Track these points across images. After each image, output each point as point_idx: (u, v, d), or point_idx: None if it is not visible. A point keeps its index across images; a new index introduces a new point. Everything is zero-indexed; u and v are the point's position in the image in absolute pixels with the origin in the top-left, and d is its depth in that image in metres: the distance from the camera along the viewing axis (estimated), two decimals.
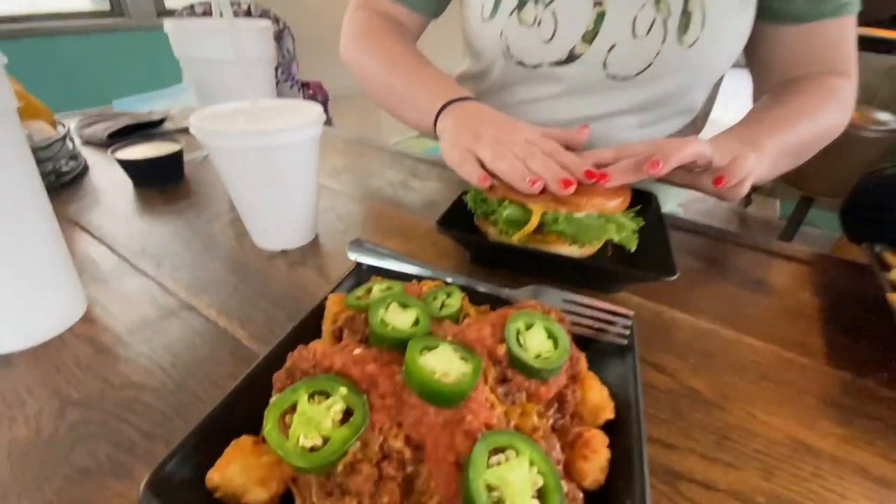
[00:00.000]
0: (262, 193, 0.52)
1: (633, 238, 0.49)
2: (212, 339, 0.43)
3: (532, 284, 0.42)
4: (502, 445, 0.24)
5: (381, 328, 0.30)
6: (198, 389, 0.38)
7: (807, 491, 0.32)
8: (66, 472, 0.31)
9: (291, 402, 0.26)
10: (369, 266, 0.44)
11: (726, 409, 0.38)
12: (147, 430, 0.34)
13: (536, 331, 0.31)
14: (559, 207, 0.48)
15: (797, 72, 0.67)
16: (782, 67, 0.69)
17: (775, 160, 0.57)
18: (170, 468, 0.25)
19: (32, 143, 0.72)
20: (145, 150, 0.76)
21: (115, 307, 0.47)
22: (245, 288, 0.51)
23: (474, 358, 0.28)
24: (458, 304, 0.35)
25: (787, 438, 0.35)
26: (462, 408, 0.26)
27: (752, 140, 0.56)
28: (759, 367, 0.42)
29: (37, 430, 0.34)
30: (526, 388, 0.29)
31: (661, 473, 0.32)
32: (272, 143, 0.47)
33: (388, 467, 0.24)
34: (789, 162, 0.62)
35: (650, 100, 0.74)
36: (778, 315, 0.49)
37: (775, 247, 0.63)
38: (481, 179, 0.51)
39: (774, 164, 0.58)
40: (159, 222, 0.64)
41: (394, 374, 0.27)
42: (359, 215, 0.68)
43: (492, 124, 0.58)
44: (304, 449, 0.24)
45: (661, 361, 0.42)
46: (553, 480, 0.23)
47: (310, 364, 0.28)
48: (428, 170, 0.85)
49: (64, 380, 0.38)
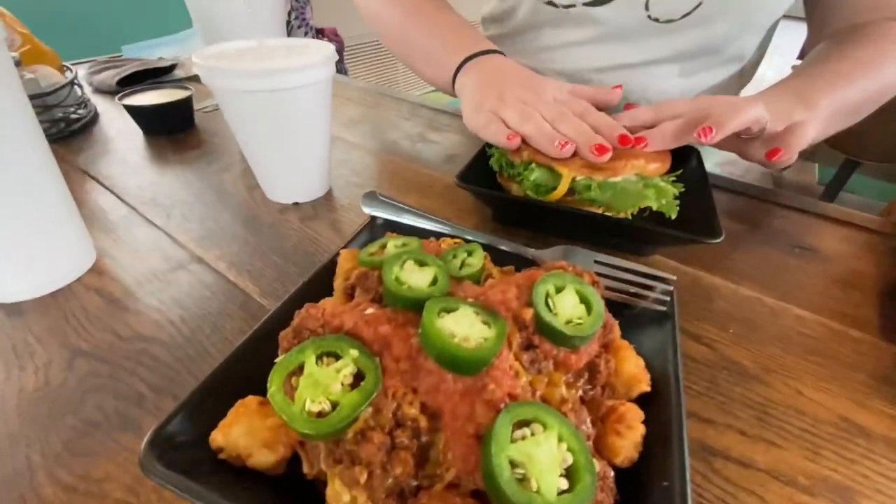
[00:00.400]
0: (271, 140, 0.48)
1: (673, 205, 0.44)
2: (222, 293, 0.42)
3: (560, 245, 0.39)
4: (527, 418, 0.22)
5: (395, 287, 0.27)
6: (207, 344, 0.37)
7: (855, 474, 0.29)
8: (75, 424, 0.30)
9: (298, 363, 0.24)
10: (384, 221, 0.42)
11: (769, 383, 0.34)
12: (156, 384, 0.33)
13: (568, 294, 0.28)
14: (593, 173, 0.44)
15: (859, 17, 0.58)
16: (843, 12, 0.60)
17: (829, 120, 0.50)
18: (172, 427, 0.24)
19: (39, 88, 0.69)
20: (154, 98, 0.73)
21: (124, 258, 0.46)
22: (256, 241, 0.49)
23: (498, 322, 0.25)
24: (479, 264, 0.32)
25: (835, 417, 0.32)
26: (483, 375, 0.23)
27: (806, 97, 0.49)
28: (807, 339, 0.39)
29: (46, 380, 0.33)
30: (554, 356, 0.26)
31: (696, 450, 0.30)
32: (281, 84, 0.43)
33: (402, 436, 0.22)
34: (844, 121, 0.55)
35: (696, 47, 0.67)
36: (828, 284, 0.45)
37: (827, 210, 0.57)
38: (509, 138, 0.46)
39: (828, 124, 0.51)
40: (169, 172, 0.62)
41: (409, 337, 0.25)
42: (374, 169, 0.64)
43: (517, 82, 0.52)
44: (311, 414, 0.22)
45: (699, 331, 0.39)
46: (584, 459, 0.21)
47: (318, 323, 0.26)
48: (448, 122, 0.80)
49: (73, 331, 0.38)
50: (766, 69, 0.82)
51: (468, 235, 0.39)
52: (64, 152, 0.66)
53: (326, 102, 0.50)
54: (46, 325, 0.38)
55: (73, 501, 0.26)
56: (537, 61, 0.74)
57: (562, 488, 0.20)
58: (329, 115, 0.51)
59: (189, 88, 0.75)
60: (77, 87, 0.76)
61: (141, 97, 0.74)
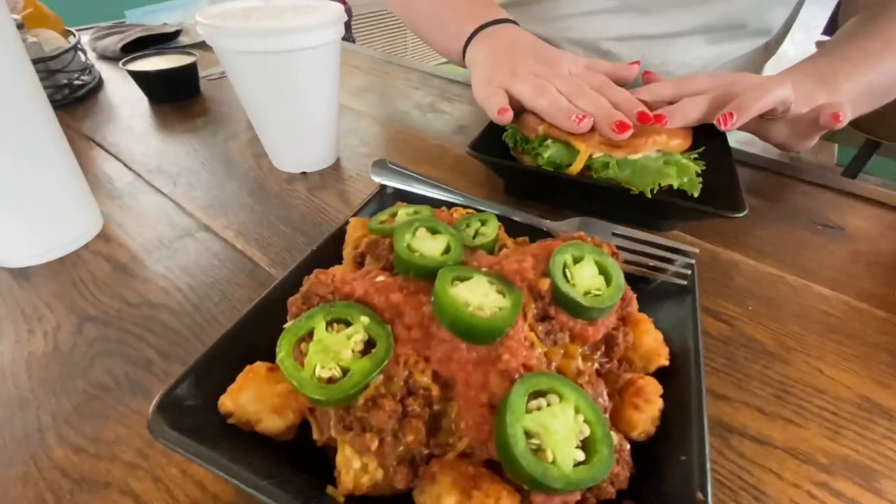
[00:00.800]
0: (278, 104, 0.47)
1: (696, 182, 0.42)
2: (230, 261, 0.41)
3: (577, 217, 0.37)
4: (543, 389, 0.21)
5: (407, 254, 0.26)
6: (216, 311, 0.36)
7: (876, 454, 0.28)
8: (84, 387, 0.30)
9: (307, 329, 0.23)
10: (394, 190, 0.40)
11: (789, 361, 0.34)
12: (164, 350, 0.33)
13: (586, 265, 0.26)
14: (612, 150, 0.42)
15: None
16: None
17: (853, 103, 0.47)
18: (181, 391, 0.23)
19: (42, 52, 0.68)
20: (159, 63, 0.71)
21: (130, 225, 0.45)
22: (263, 211, 0.48)
23: (513, 292, 0.25)
24: (493, 233, 0.31)
25: (857, 397, 0.31)
26: (498, 345, 0.22)
27: (830, 78, 0.47)
28: (829, 318, 0.37)
29: (55, 344, 0.33)
30: (570, 327, 0.25)
31: (712, 426, 0.29)
32: (287, 45, 0.42)
33: (413, 404, 0.22)
34: (869, 104, 0.51)
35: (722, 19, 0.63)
36: (852, 262, 0.44)
37: (852, 186, 0.55)
38: (500, 111, 0.44)
39: (852, 107, 0.48)
40: (175, 140, 0.61)
41: (421, 305, 0.24)
42: (383, 139, 0.63)
43: (530, 55, 0.49)
44: (321, 380, 0.21)
45: (717, 307, 0.38)
46: (601, 431, 0.20)
47: (328, 290, 0.25)
48: (460, 92, 0.77)
49: (81, 296, 0.37)
50: (787, 45, 0.78)
51: (481, 206, 0.38)
52: (69, 119, 0.65)
53: (334, 66, 0.48)
54: (54, 291, 0.38)
55: (84, 463, 0.26)
56: (553, 30, 0.71)
57: (578, 460, 0.19)
58: (337, 80, 0.49)
59: (194, 55, 0.73)
60: (81, 53, 0.75)
61: (145, 63, 0.72)
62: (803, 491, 0.26)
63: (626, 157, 0.42)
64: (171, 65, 0.70)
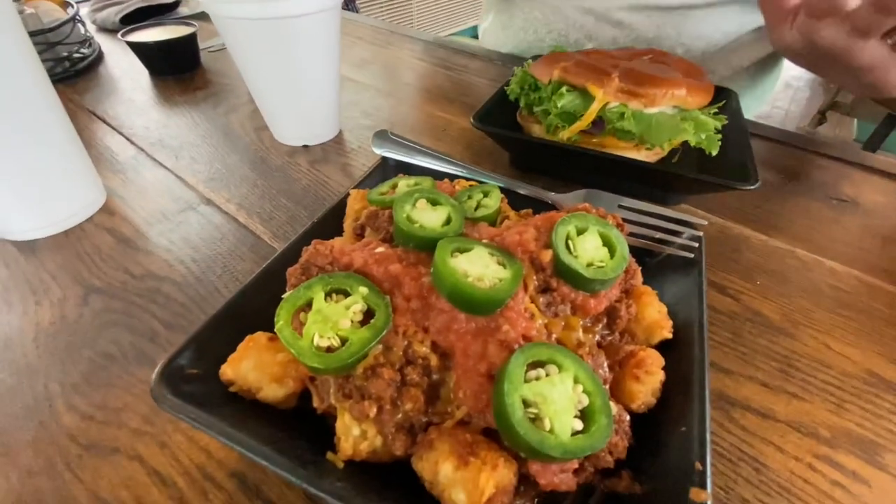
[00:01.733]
0: (277, 73, 0.46)
1: (714, 140, 0.41)
2: (232, 234, 0.41)
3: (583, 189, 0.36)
4: (542, 359, 0.21)
5: (406, 225, 0.26)
6: (218, 284, 0.36)
7: (881, 429, 0.28)
8: (91, 357, 0.31)
9: (306, 299, 0.23)
10: (396, 163, 0.40)
11: (795, 336, 0.33)
12: (168, 321, 0.33)
13: (590, 236, 0.26)
14: (629, 99, 0.40)
15: None
16: None
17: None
18: (182, 360, 0.24)
19: (41, 23, 0.67)
20: (158, 34, 0.70)
21: (133, 199, 0.45)
22: (265, 184, 0.47)
23: (514, 263, 0.24)
24: (496, 205, 0.31)
25: (863, 372, 0.31)
26: (497, 316, 0.22)
27: None
28: (839, 293, 0.37)
29: (62, 315, 0.34)
30: (572, 299, 0.25)
31: (714, 398, 0.29)
32: (286, 10, 0.40)
33: (412, 373, 0.22)
34: None
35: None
36: (865, 237, 0.42)
37: (870, 160, 0.53)
38: None
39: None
40: (176, 113, 0.60)
41: (420, 276, 0.24)
42: (386, 111, 0.61)
43: None
44: (320, 349, 0.21)
45: (724, 281, 0.37)
46: (601, 401, 0.20)
47: (327, 260, 0.25)
48: (465, 62, 0.75)
49: (86, 268, 0.38)
50: None
51: (485, 178, 0.37)
52: (70, 92, 0.65)
53: (334, 33, 0.46)
54: (60, 263, 0.38)
55: (91, 429, 0.27)
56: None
57: (576, 429, 0.19)
58: (337, 49, 0.48)
59: (194, 25, 0.72)
60: (80, 25, 0.73)
61: (144, 34, 0.70)
62: (804, 463, 0.26)
63: (641, 110, 0.41)
64: (171, 36, 0.69)
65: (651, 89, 0.40)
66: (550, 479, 0.20)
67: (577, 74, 0.42)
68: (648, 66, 0.45)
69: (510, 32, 0.79)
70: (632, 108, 0.41)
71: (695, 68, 0.47)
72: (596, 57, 0.47)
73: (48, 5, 0.74)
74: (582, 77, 0.42)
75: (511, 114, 0.50)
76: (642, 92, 0.40)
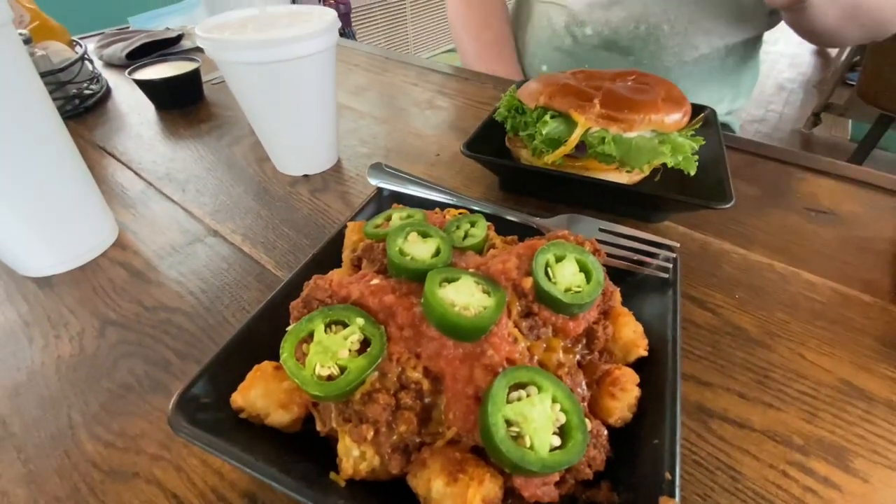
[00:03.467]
0: (277, 111, 0.49)
1: (691, 160, 0.43)
2: (238, 264, 0.44)
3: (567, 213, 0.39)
4: (523, 381, 0.23)
5: (398, 258, 0.28)
6: (227, 313, 0.39)
7: (852, 435, 0.30)
8: (110, 387, 0.33)
9: (308, 331, 0.25)
10: (391, 192, 0.42)
11: (772, 348, 0.35)
12: (180, 350, 0.36)
13: (568, 263, 0.28)
14: (609, 124, 0.43)
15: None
16: None
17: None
18: (196, 390, 0.26)
19: (51, 64, 0.70)
20: (163, 71, 0.74)
21: (144, 232, 0.48)
22: (268, 214, 0.50)
23: (498, 291, 0.26)
24: (482, 234, 0.33)
25: (837, 381, 0.33)
26: (483, 342, 0.24)
27: None
28: (815, 304, 0.38)
29: (80, 347, 0.36)
30: (552, 322, 0.27)
31: (693, 410, 0.31)
32: (283, 55, 0.43)
33: (406, 397, 0.24)
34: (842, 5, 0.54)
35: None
36: (842, 248, 0.44)
37: (848, 171, 0.55)
38: None
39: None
40: (182, 146, 0.63)
41: (412, 306, 0.26)
42: (382, 138, 0.64)
43: None
44: (321, 377, 0.24)
45: (704, 296, 0.39)
46: (577, 419, 0.22)
47: (326, 294, 0.27)
48: (457, 87, 0.78)
49: (102, 302, 0.40)
50: None
51: (473, 206, 0.39)
52: (81, 129, 0.68)
53: (330, 71, 0.49)
54: (77, 297, 0.40)
55: (112, 456, 0.29)
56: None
57: (554, 445, 0.21)
58: (333, 85, 0.51)
59: (197, 60, 0.75)
60: (88, 62, 0.77)
61: (150, 70, 0.74)
62: (778, 470, 0.28)
63: (621, 134, 0.43)
64: (176, 71, 0.72)
65: (629, 115, 0.42)
66: (534, 492, 0.22)
67: (560, 102, 0.44)
68: (630, 89, 0.48)
69: None
70: (612, 133, 0.43)
71: (675, 91, 0.50)
72: (581, 77, 0.49)
73: (57, 45, 0.78)
74: (565, 104, 0.44)
75: (501, 137, 0.53)
76: (621, 117, 0.43)
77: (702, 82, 0.77)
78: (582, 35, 0.76)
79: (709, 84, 0.77)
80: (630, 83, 0.51)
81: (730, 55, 0.76)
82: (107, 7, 1.79)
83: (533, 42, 0.86)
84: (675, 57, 0.74)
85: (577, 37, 0.77)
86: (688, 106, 0.46)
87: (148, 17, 1.06)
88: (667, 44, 0.73)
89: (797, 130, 2.78)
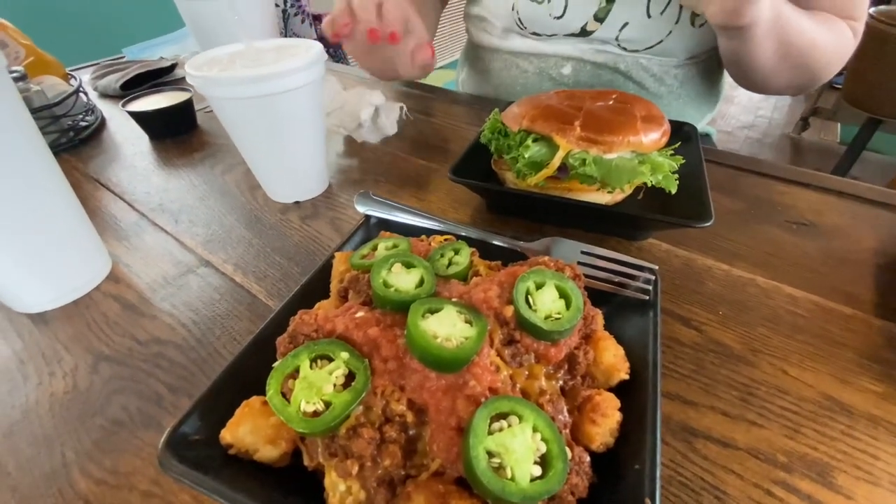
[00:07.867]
0: (267, 143, 0.50)
1: (671, 179, 0.44)
2: (229, 294, 0.44)
3: (550, 235, 0.39)
4: (504, 411, 0.24)
5: (382, 290, 0.29)
6: (217, 345, 0.39)
7: (834, 450, 0.30)
8: (102, 423, 0.33)
9: (294, 366, 0.26)
10: (378, 219, 0.43)
11: (755, 364, 0.35)
12: (172, 384, 0.36)
13: (548, 290, 0.29)
14: (590, 147, 0.44)
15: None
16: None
17: (773, 20, 0.52)
18: (185, 428, 0.26)
19: (47, 99, 0.72)
20: (157, 101, 0.75)
21: (137, 265, 0.48)
22: (260, 243, 0.51)
23: (479, 321, 0.27)
24: (466, 262, 0.34)
25: (819, 395, 0.33)
26: (465, 372, 0.25)
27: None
28: (796, 318, 0.39)
29: (74, 384, 0.36)
30: (535, 349, 0.27)
31: (677, 430, 0.31)
32: (271, 89, 0.44)
33: (390, 430, 0.24)
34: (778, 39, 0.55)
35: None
36: (824, 260, 0.45)
37: (829, 182, 0.56)
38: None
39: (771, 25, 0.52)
40: (175, 176, 0.64)
41: (396, 338, 0.27)
42: (371, 162, 0.65)
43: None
44: (307, 414, 0.24)
45: (688, 314, 0.39)
46: (557, 448, 0.23)
47: (311, 328, 0.28)
48: (445, 108, 0.80)
49: (95, 337, 0.40)
50: None
51: (459, 231, 0.40)
52: (75, 161, 0.69)
53: (318, 101, 0.51)
54: (71, 333, 0.41)
55: (105, 493, 0.29)
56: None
57: (535, 475, 0.22)
58: (321, 114, 0.52)
59: (189, 90, 0.77)
60: (82, 95, 0.79)
61: (144, 102, 0.75)
62: (762, 490, 0.28)
63: (601, 155, 0.44)
64: (169, 102, 0.74)
65: (609, 137, 0.44)
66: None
67: (542, 125, 0.45)
68: (610, 109, 0.49)
69: (486, 78, 0.84)
70: (592, 155, 0.44)
71: (654, 110, 0.51)
72: (563, 97, 0.51)
73: (53, 80, 0.80)
74: (547, 127, 0.45)
75: (488, 158, 0.54)
76: (601, 139, 0.44)
77: (687, 97, 0.78)
78: (559, 76, 0.77)
79: (688, 105, 0.78)
80: (611, 103, 0.52)
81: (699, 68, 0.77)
82: (101, 38, 1.82)
83: (506, 94, 0.82)
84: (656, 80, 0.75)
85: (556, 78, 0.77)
86: (667, 125, 0.47)
87: (142, 48, 1.08)
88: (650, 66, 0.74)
89: (787, 135, 2.82)
